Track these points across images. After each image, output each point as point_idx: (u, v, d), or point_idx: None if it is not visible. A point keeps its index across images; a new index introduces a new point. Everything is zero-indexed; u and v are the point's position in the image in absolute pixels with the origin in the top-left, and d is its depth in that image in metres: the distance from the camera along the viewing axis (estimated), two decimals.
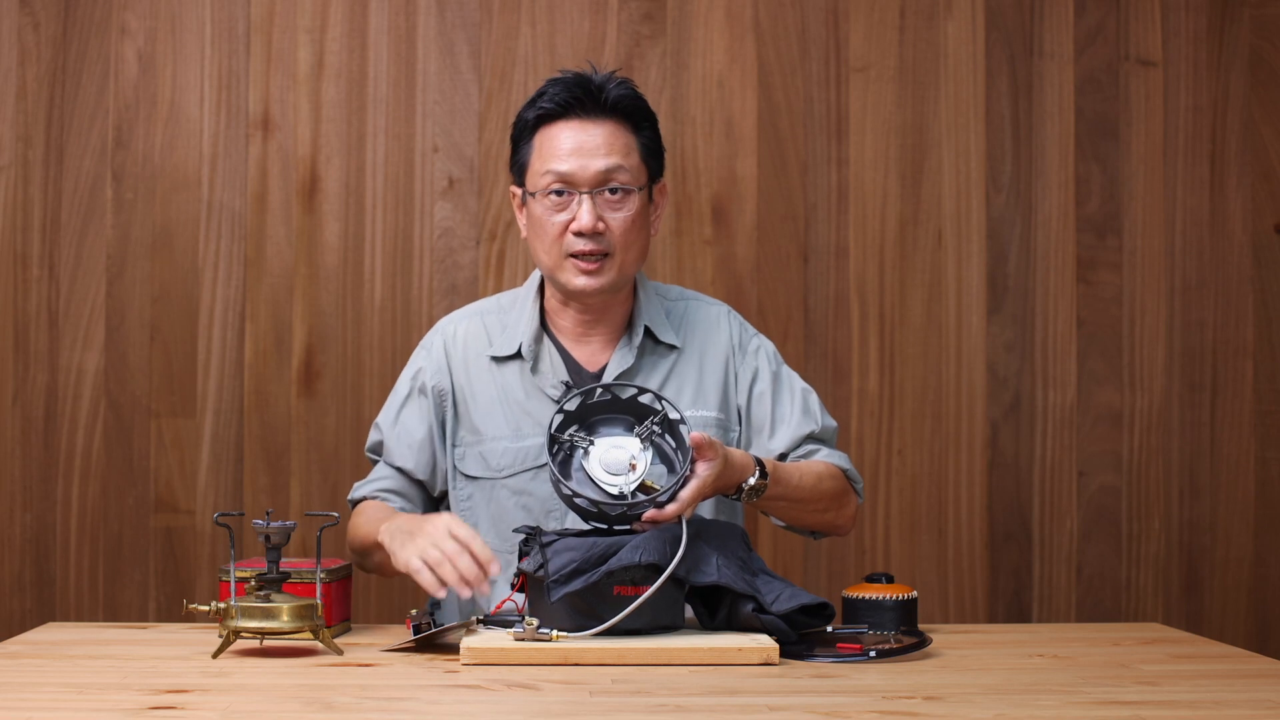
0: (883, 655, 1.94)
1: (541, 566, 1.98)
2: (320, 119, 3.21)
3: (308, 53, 3.21)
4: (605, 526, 2.05)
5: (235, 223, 3.20)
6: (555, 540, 2.00)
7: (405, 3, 3.22)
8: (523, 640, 1.88)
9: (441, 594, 2.01)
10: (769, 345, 2.44)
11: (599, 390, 2.12)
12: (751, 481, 2.14)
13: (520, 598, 2.07)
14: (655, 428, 2.08)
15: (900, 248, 3.26)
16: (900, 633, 2.10)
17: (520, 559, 2.04)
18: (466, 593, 2.00)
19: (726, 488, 2.13)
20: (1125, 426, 3.28)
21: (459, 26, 3.23)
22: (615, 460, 2.05)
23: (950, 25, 3.27)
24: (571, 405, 2.10)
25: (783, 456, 2.36)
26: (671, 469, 2.06)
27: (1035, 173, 3.27)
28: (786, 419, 2.38)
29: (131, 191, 3.19)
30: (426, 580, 2.00)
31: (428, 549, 2.02)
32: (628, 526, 2.05)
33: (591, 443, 2.07)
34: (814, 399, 2.41)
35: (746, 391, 2.39)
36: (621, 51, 3.23)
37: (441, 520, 2.06)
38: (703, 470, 2.04)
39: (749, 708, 1.65)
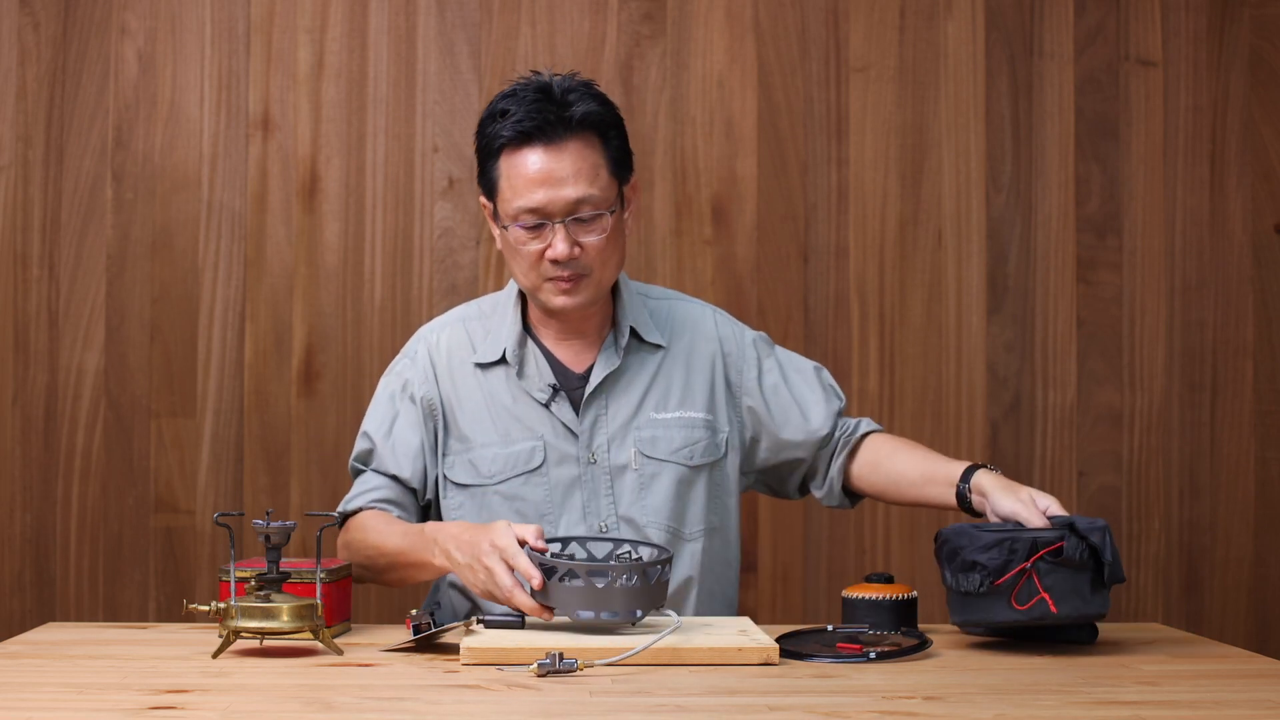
0: (883, 657, 1.94)
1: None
2: (320, 119, 3.21)
3: (308, 53, 3.21)
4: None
5: (235, 223, 3.20)
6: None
7: (405, 3, 3.22)
8: (546, 674, 1.85)
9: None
10: (764, 336, 2.45)
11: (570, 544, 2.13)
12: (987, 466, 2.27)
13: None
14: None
15: (900, 248, 3.26)
16: (900, 633, 2.10)
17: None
18: (537, 584, 1.99)
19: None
20: (1125, 426, 3.28)
21: (459, 26, 3.23)
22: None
23: (950, 25, 3.27)
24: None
25: (829, 437, 2.39)
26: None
27: (1035, 173, 3.28)
28: (812, 400, 2.40)
29: (131, 191, 3.19)
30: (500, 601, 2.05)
31: (487, 583, 2.05)
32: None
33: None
34: (826, 374, 2.45)
35: (756, 388, 2.38)
36: (621, 51, 3.23)
37: (486, 541, 2.05)
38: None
39: (749, 708, 1.65)
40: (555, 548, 2.11)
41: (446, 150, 3.22)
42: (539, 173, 2.21)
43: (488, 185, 2.28)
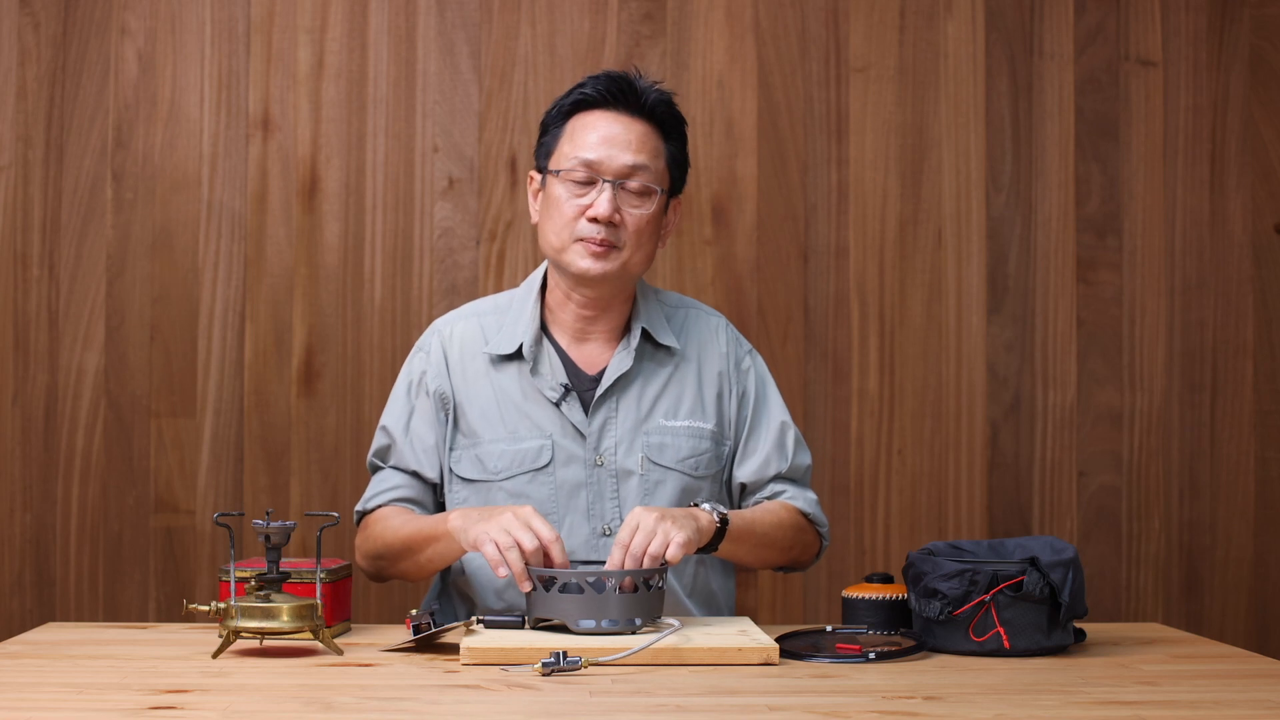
0: (882, 657, 1.94)
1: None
2: (320, 119, 3.21)
3: (308, 53, 3.21)
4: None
5: (235, 223, 3.20)
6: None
7: (405, 3, 3.22)
8: (550, 673, 1.85)
9: (503, 574, 2.01)
10: (760, 365, 2.44)
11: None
12: (716, 511, 2.17)
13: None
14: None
15: (900, 248, 3.26)
16: (900, 633, 2.10)
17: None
18: (526, 587, 2.01)
19: (693, 529, 2.11)
20: (1125, 426, 3.28)
21: (459, 26, 3.23)
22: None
23: (950, 25, 3.27)
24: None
25: (744, 487, 2.38)
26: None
27: (1035, 173, 3.28)
28: (757, 451, 2.38)
29: (131, 191, 3.20)
30: (490, 556, 2.02)
31: (500, 534, 2.03)
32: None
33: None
34: (791, 434, 2.40)
35: (734, 412, 2.39)
36: (621, 52, 3.23)
37: (525, 510, 2.06)
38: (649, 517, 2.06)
39: (749, 708, 1.66)
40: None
41: (446, 150, 3.22)
42: (604, 134, 2.27)
43: (546, 150, 2.32)
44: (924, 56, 3.27)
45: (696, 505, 2.18)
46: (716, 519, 2.16)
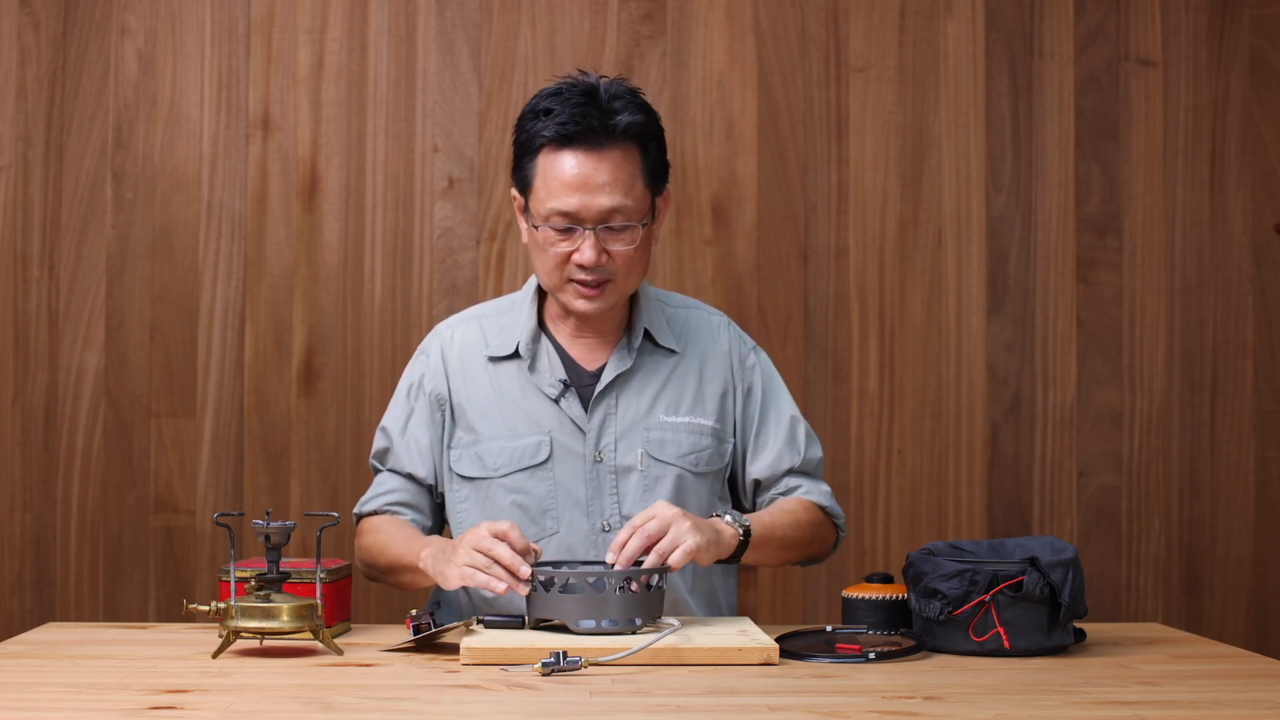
0: (882, 657, 1.94)
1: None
2: (320, 119, 3.21)
3: (308, 53, 3.21)
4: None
5: (235, 223, 3.20)
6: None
7: (405, 3, 3.22)
8: (550, 673, 1.85)
9: (502, 590, 2.01)
10: (765, 361, 2.43)
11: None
12: (740, 524, 2.17)
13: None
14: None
15: (900, 248, 3.26)
16: (900, 633, 2.10)
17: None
18: (524, 590, 2.01)
19: (712, 539, 2.11)
20: (1125, 426, 3.28)
21: (459, 26, 3.23)
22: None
23: (950, 25, 3.27)
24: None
25: (758, 483, 2.38)
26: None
27: (1035, 173, 3.28)
28: (769, 447, 2.38)
29: (131, 191, 3.20)
30: (481, 583, 2.02)
31: (474, 557, 2.04)
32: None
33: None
34: (801, 428, 2.40)
35: (740, 409, 2.39)
36: (621, 51, 3.23)
37: (476, 530, 2.08)
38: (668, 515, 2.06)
39: (749, 708, 1.66)
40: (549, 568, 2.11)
41: (446, 150, 3.22)
42: (576, 177, 2.20)
43: (522, 181, 2.27)
44: (924, 56, 3.27)
45: (718, 515, 2.18)
46: (740, 531, 2.16)
